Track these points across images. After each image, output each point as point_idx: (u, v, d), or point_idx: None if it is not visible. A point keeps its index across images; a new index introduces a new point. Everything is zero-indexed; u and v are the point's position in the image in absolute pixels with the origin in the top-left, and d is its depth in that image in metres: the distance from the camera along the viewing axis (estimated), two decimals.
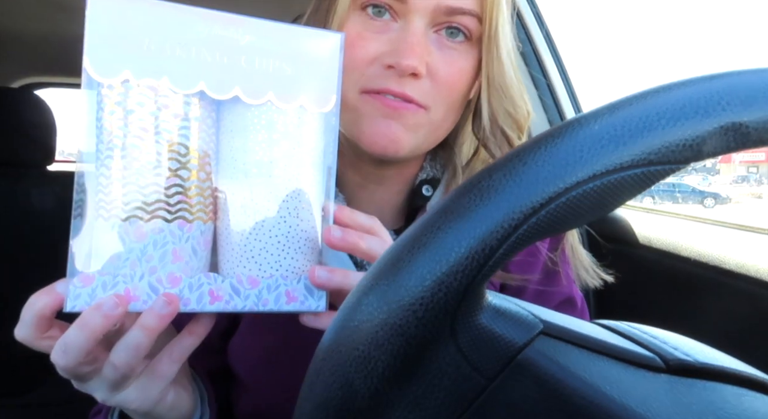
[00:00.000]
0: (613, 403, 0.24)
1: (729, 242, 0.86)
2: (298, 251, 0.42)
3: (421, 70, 0.49)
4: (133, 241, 0.38)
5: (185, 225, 0.39)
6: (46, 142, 1.55)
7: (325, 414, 0.25)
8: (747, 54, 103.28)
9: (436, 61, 0.51)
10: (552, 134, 0.24)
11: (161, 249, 0.38)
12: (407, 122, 0.52)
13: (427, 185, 0.61)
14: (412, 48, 0.49)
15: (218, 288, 0.40)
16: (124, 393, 0.39)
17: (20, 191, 1.47)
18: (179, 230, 0.39)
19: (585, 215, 0.24)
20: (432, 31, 0.51)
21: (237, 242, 0.41)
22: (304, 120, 0.41)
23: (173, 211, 0.38)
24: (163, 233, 0.38)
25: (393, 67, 0.49)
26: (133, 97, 0.37)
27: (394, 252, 0.24)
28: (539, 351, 0.25)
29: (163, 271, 0.38)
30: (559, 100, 1.22)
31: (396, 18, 0.51)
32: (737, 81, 0.24)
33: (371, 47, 0.50)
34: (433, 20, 0.51)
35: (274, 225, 0.41)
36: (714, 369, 0.27)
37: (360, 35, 0.51)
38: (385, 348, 0.24)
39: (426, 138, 0.55)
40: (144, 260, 0.38)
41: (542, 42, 1.23)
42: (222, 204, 0.41)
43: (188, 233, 0.39)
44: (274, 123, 0.40)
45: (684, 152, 0.23)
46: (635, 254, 1.01)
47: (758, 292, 0.76)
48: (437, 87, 0.51)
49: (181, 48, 0.37)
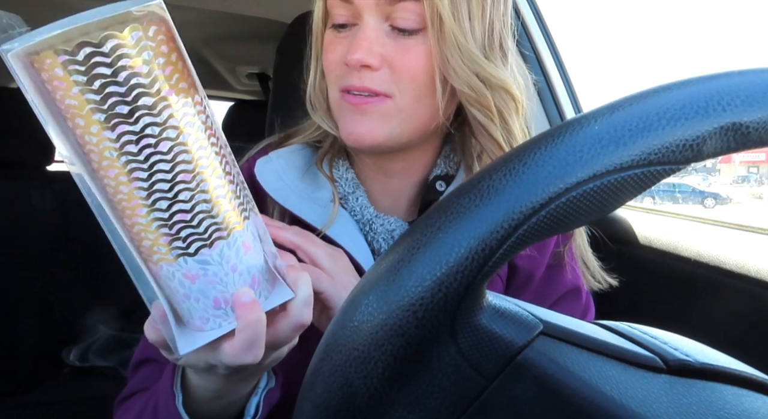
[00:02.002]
0: (613, 403, 0.24)
1: (729, 243, 0.86)
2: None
3: (370, 62, 0.52)
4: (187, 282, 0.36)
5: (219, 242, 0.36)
6: (46, 142, 1.55)
7: (325, 414, 0.25)
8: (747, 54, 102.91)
9: (391, 51, 0.53)
10: (552, 134, 0.24)
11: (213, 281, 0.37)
12: (374, 113, 0.55)
13: (441, 180, 0.63)
14: (358, 43, 0.52)
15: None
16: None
17: (20, 191, 1.47)
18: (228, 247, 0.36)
19: (585, 216, 0.24)
20: (388, 27, 0.54)
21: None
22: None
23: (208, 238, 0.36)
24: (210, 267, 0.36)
25: (347, 64, 0.54)
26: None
27: (394, 252, 0.24)
28: (539, 352, 0.25)
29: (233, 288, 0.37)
30: (559, 100, 1.22)
31: (355, 22, 0.55)
32: (737, 81, 0.24)
33: (337, 51, 0.55)
34: (383, 14, 0.53)
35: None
36: (714, 370, 0.27)
37: (331, 42, 0.56)
38: (384, 349, 0.24)
39: (401, 125, 0.56)
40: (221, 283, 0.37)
41: (542, 42, 1.23)
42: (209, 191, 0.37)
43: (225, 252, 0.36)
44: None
45: (684, 152, 0.23)
46: (635, 254, 1.01)
47: (758, 292, 0.76)
48: (397, 75, 0.54)
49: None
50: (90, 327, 1.55)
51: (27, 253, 1.47)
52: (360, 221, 0.61)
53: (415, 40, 0.54)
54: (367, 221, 0.61)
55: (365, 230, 0.61)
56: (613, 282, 0.68)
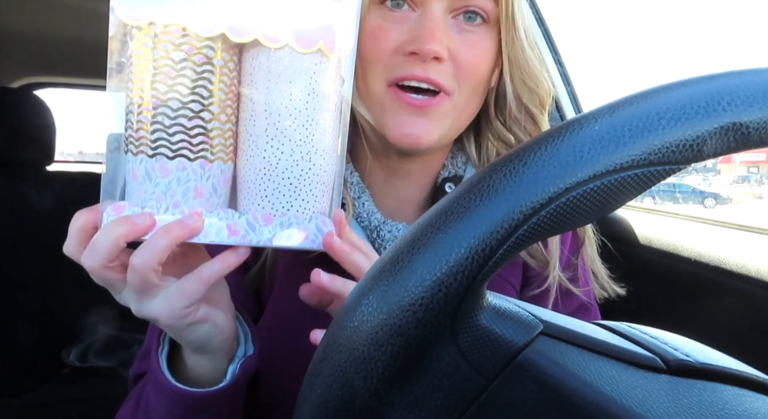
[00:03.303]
0: (613, 404, 0.24)
1: (729, 243, 0.86)
2: (309, 193, 0.44)
3: (443, 54, 0.51)
4: (159, 177, 0.40)
5: (206, 164, 0.41)
6: (46, 142, 1.55)
7: (325, 414, 0.25)
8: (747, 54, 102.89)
9: (457, 44, 0.53)
10: (552, 134, 0.24)
11: (184, 185, 0.41)
12: (432, 115, 0.54)
13: (450, 182, 0.63)
14: (432, 33, 0.50)
15: (235, 223, 0.43)
16: (152, 303, 0.41)
17: (20, 191, 1.47)
18: (201, 168, 0.41)
19: (585, 216, 0.24)
20: (450, 17, 0.53)
21: (253, 182, 0.44)
22: (322, 65, 0.43)
23: (196, 150, 0.41)
24: (186, 171, 0.41)
25: (415, 54, 0.51)
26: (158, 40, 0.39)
27: (394, 252, 0.24)
28: (539, 352, 0.25)
29: (185, 205, 0.41)
30: (559, 100, 1.22)
31: (414, 8, 0.53)
32: (738, 81, 0.24)
33: (392, 37, 0.52)
34: (450, 6, 0.52)
35: (287, 168, 0.43)
36: (714, 370, 0.27)
37: (381, 27, 0.53)
38: (384, 349, 0.24)
39: (451, 126, 0.56)
40: (168, 194, 0.41)
41: (542, 42, 1.23)
42: (241, 145, 0.43)
43: (209, 172, 0.42)
44: (292, 68, 0.42)
45: (684, 152, 0.23)
46: (635, 254, 1.01)
47: (758, 292, 0.76)
48: (460, 70, 0.53)
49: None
50: (90, 327, 1.55)
51: (27, 253, 1.47)
52: (367, 228, 0.60)
53: (479, 35, 0.54)
54: (375, 228, 0.60)
55: (372, 237, 0.60)
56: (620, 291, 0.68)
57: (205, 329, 0.44)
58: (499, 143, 0.63)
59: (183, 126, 0.40)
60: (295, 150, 0.43)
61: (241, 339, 0.51)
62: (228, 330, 0.47)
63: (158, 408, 0.48)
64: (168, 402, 0.47)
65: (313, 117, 0.43)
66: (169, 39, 0.39)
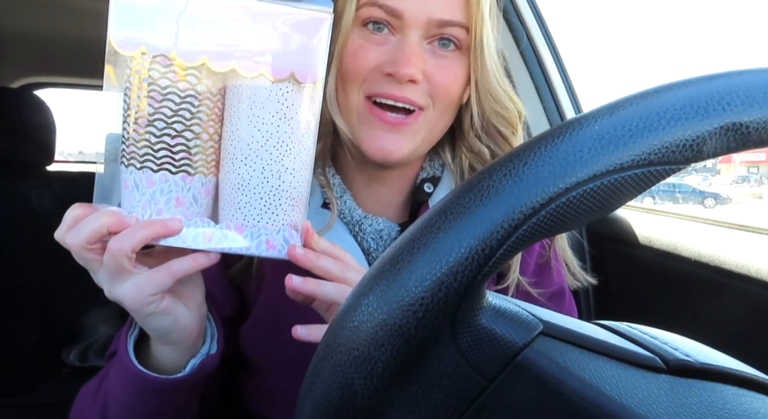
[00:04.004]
0: (613, 403, 0.24)
1: (729, 243, 0.86)
2: (279, 207, 0.49)
3: (418, 77, 0.56)
4: (145, 187, 0.46)
5: (187, 177, 0.47)
6: (46, 142, 1.55)
7: (325, 414, 0.25)
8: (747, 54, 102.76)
9: (431, 67, 0.57)
10: (552, 134, 0.24)
11: (167, 195, 0.46)
12: (406, 132, 0.58)
13: (428, 183, 0.67)
14: (409, 58, 0.55)
15: (212, 232, 0.48)
16: (122, 287, 0.45)
17: (20, 191, 1.47)
18: (182, 181, 0.46)
19: (585, 216, 0.24)
20: (426, 43, 0.58)
21: (229, 195, 0.49)
22: (293, 93, 0.47)
23: (177, 165, 0.46)
24: (169, 182, 0.46)
25: (392, 75, 0.56)
26: (148, 68, 0.44)
27: (394, 252, 0.24)
28: (539, 352, 0.25)
29: (167, 213, 0.46)
30: (559, 100, 1.22)
31: (393, 32, 0.57)
32: (738, 81, 0.24)
33: (372, 57, 0.57)
34: (427, 33, 0.57)
35: (258, 184, 0.48)
36: (714, 370, 0.27)
37: (362, 46, 0.57)
38: (384, 349, 0.24)
39: (423, 140, 0.61)
40: (153, 203, 0.46)
41: (542, 42, 1.23)
42: (222, 162, 0.49)
43: (190, 184, 0.47)
44: (265, 95, 0.46)
45: (684, 152, 0.23)
46: (635, 254, 1.01)
47: (758, 292, 0.76)
48: (434, 90, 0.58)
49: (187, 25, 0.44)
50: (90, 327, 1.55)
51: (27, 253, 1.47)
52: (349, 224, 0.64)
53: (451, 60, 0.59)
54: (356, 223, 0.64)
55: (354, 231, 0.64)
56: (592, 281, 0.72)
57: (167, 320, 0.48)
58: (471, 155, 0.67)
59: (167, 144, 0.45)
60: (266, 168, 0.48)
61: (207, 338, 0.55)
62: (190, 327, 0.50)
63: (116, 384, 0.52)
64: (126, 381, 0.51)
65: (283, 140, 0.47)
66: (157, 68, 0.44)
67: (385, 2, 0.56)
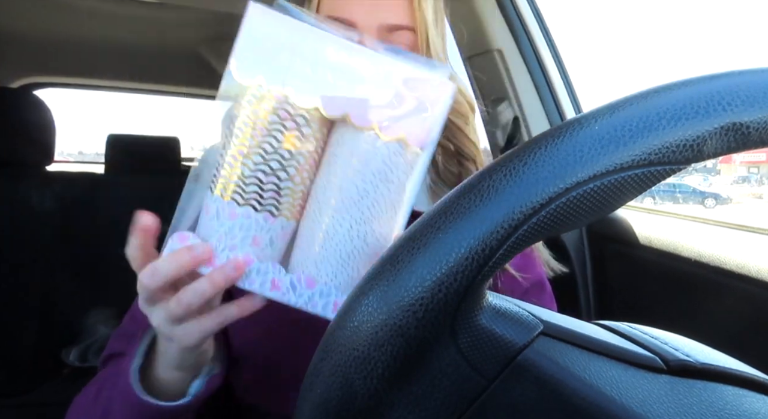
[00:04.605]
0: (613, 404, 0.24)
1: (729, 243, 0.86)
2: (356, 269, 0.46)
3: None
4: (226, 218, 0.44)
5: (270, 218, 0.45)
6: (46, 142, 1.55)
7: (325, 415, 0.25)
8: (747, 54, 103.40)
9: None
10: (552, 134, 0.24)
11: (244, 232, 0.45)
12: None
13: None
14: None
15: (280, 280, 0.46)
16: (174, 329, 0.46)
17: (20, 191, 1.47)
18: (264, 220, 0.45)
19: (585, 216, 0.24)
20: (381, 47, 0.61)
21: (307, 245, 0.46)
22: (399, 156, 0.45)
23: (264, 203, 0.45)
24: (250, 219, 0.44)
25: None
26: (260, 100, 0.43)
27: (394, 252, 0.24)
28: (539, 352, 0.25)
29: (241, 250, 0.45)
30: (559, 100, 1.22)
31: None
32: (738, 81, 0.24)
33: None
34: (379, 37, 0.62)
35: (341, 241, 0.45)
36: (714, 370, 0.27)
37: None
38: (384, 349, 0.24)
39: None
40: (229, 236, 0.44)
41: (542, 41, 1.23)
42: (308, 209, 0.47)
43: (270, 225, 0.45)
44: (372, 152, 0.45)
45: (684, 152, 0.23)
46: (635, 254, 1.01)
47: (758, 292, 0.76)
48: None
49: (309, 66, 0.43)
50: (90, 328, 1.55)
51: (27, 253, 1.47)
52: None
53: None
54: None
55: None
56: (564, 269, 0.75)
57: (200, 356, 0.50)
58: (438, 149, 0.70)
59: (258, 180, 0.44)
60: (353, 227, 0.45)
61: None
62: (210, 354, 0.52)
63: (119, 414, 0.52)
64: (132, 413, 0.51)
65: (378, 201, 0.45)
66: (269, 102, 0.43)
67: (339, 16, 0.62)
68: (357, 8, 0.62)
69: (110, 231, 1.57)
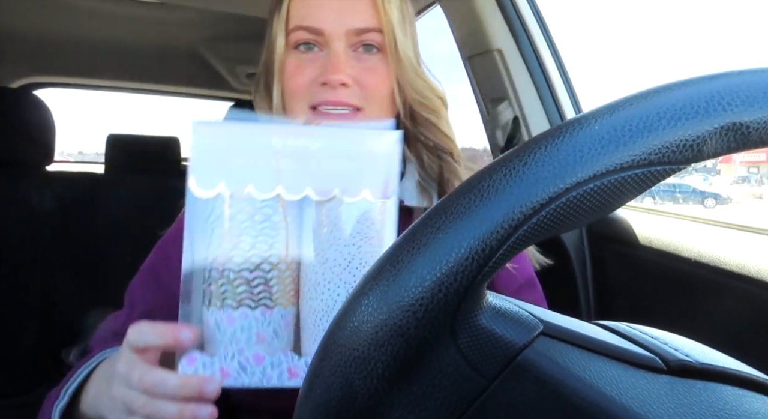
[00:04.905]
0: (613, 404, 0.24)
1: (729, 243, 0.86)
2: None
3: (347, 81, 0.63)
4: (226, 326, 0.45)
5: (267, 311, 0.46)
6: (45, 142, 1.55)
7: (325, 415, 0.25)
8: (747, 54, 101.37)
9: (359, 71, 0.65)
10: (552, 134, 0.24)
11: (247, 332, 0.45)
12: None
13: None
14: (336, 66, 0.63)
15: (296, 366, 0.46)
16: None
17: (20, 191, 1.47)
18: (262, 315, 0.46)
19: (585, 216, 0.24)
20: (351, 51, 0.66)
21: (313, 324, 0.47)
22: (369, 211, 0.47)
23: (256, 299, 0.45)
24: (248, 318, 0.45)
25: (326, 84, 0.63)
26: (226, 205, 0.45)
27: (393, 252, 0.24)
28: (539, 352, 0.25)
29: (249, 351, 0.45)
30: (559, 100, 1.22)
31: (321, 48, 0.65)
32: (737, 81, 0.24)
33: (308, 73, 0.65)
34: (349, 42, 0.65)
35: None
36: (714, 370, 0.27)
37: (298, 66, 0.65)
38: (384, 349, 0.24)
39: None
40: (234, 342, 0.45)
41: (542, 41, 1.23)
42: (302, 289, 0.48)
43: (270, 318, 0.46)
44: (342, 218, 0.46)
45: (684, 152, 0.23)
46: (635, 254, 1.01)
47: (758, 292, 0.76)
48: (365, 91, 0.65)
49: (262, 160, 0.45)
50: (90, 327, 1.55)
51: (27, 253, 1.47)
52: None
53: (375, 62, 0.66)
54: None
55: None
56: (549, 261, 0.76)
57: None
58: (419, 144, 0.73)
59: (245, 279, 0.45)
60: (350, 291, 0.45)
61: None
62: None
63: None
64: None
65: (366, 260, 0.46)
66: (235, 204, 0.45)
67: (308, 25, 0.64)
68: (323, 16, 0.64)
69: (110, 231, 1.58)
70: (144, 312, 0.66)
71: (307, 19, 0.65)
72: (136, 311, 0.67)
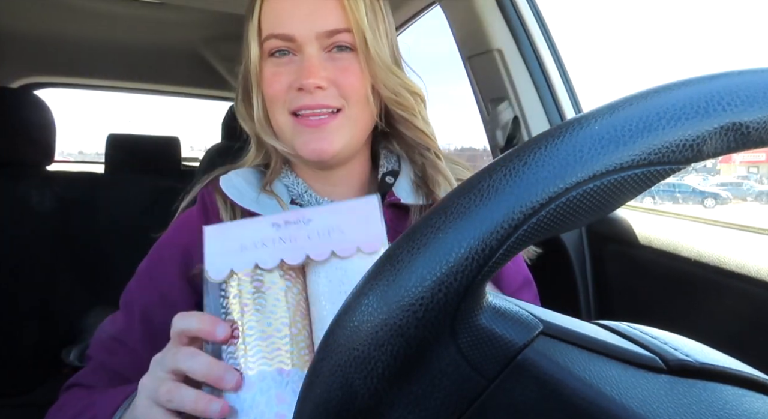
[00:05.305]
0: (613, 403, 0.24)
1: (729, 243, 0.86)
2: None
3: (322, 84, 0.64)
4: (245, 392, 0.46)
5: (283, 371, 0.47)
6: (46, 142, 1.55)
7: (325, 415, 0.25)
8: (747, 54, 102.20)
9: (334, 72, 0.65)
10: (552, 134, 0.24)
11: (266, 395, 0.46)
12: (331, 130, 0.66)
13: (389, 176, 0.74)
14: (309, 70, 0.64)
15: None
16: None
17: (20, 191, 1.47)
18: (279, 375, 0.47)
19: (585, 216, 0.24)
20: (325, 53, 0.66)
21: None
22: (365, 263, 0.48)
23: (272, 360, 0.47)
24: (266, 381, 0.47)
25: (302, 89, 0.64)
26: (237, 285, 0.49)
27: (393, 252, 0.24)
28: (539, 352, 0.25)
29: (269, 414, 0.46)
30: (559, 100, 1.22)
31: (295, 53, 0.66)
32: (737, 81, 0.24)
33: (284, 79, 0.66)
34: (321, 45, 0.65)
35: None
36: (714, 370, 0.27)
37: (274, 73, 0.66)
38: (384, 349, 0.24)
39: (352, 135, 0.68)
40: (254, 406, 0.46)
41: (542, 41, 1.23)
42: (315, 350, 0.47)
43: (287, 378, 0.47)
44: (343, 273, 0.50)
45: (684, 152, 0.23)
46: (635, 254, 1.01)
47: (758, 292, 0.76)
48: (342, 91, 0.66)
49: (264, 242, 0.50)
50: (90, 327, 1.55)
51: (27, 253, 1.47)
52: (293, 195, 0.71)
53: (348, 61, 0.66)
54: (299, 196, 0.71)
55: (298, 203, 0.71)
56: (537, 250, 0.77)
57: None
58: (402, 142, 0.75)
59: (258, 344, 0.48)
60: None
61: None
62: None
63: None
64: None
65: None
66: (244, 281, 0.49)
67: (279, 32, 0.65)
68: (293, 22, 0.65)
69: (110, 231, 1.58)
70: (142, 314, 0.66)
71: (278, 26, 0.66)
72: (134, 314, 0.67)
